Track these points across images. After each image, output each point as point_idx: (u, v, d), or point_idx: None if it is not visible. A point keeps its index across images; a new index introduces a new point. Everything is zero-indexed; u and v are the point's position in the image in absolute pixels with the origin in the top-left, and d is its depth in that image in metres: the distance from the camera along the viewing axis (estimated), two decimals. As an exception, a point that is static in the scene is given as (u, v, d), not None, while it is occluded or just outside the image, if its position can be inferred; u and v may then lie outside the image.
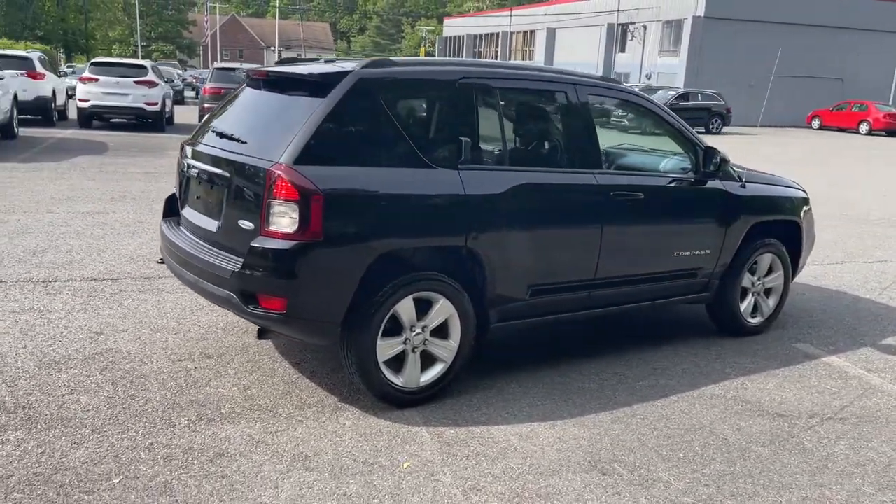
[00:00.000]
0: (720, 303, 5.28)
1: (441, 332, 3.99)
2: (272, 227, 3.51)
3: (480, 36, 63.84)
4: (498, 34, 59.56)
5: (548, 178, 4.25)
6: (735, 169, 5.21)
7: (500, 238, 4.03)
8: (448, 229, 3.86)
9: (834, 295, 6.74)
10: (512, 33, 57.58)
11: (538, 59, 53.07)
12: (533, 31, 54.88)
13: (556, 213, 4.27)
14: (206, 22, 78.37)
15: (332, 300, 3.61)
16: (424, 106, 4.02)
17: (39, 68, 17.78)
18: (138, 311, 5.20)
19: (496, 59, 59.67)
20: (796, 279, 6.95)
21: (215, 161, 3.92)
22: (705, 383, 4.53)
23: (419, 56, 71.38)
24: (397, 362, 3.92)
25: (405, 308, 3.81)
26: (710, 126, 29.50)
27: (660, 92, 29.74)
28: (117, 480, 3.10)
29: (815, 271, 7.50)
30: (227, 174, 3.80)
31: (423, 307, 3.90)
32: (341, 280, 3.59)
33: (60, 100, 19.36)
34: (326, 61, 4.35)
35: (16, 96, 14.86)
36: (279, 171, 3.48)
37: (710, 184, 4.96)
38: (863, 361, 5.06)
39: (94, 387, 3.97)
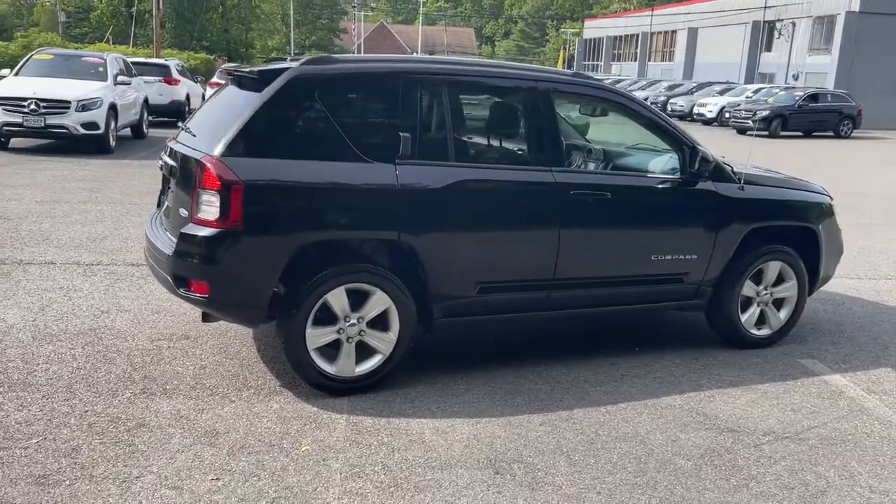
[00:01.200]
0: (717, 311, 5.00)
1: (380, 323, 4.06)
2: (199, 215, 3.73)
3: (620, 37, 62.53)
4: (637, 35, 58.07)
5: (494, 174, 4.22)
6: (736, 170, 4.92)
7: (439, 233, 4.05)
8: (379, 223, 3.93)
9: (882, 311, 6.16)
10: (652, 34, 55.94)
11: (678, 61, 51.26)
12: (674, 32, 53.04)
13: (504, 210, 4.23)
14: (354, 30, 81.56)
15: (253, 286, 3.78)
16: (363, 102, 4.11)
17: (175, 75, 19.32)
18: (152, 293, 5.61)
19: (635, 60, 58.18)
20: (841, 291, 6.46)
21: (173, 155, 4.20)
22: (668, 393, 4.32)
23: (559, 59, 70.90)
24: (334, 351, 4.02)
25: (337, 298, 3.91)
26: (840, 130, 27.03)
27: (782, 93, 27.84)
28: (35, 441, 3.42)
29: (881, 286, 6.88)
30: (177, 166, 4.06)
31: (359, 298, 3.98)
32: (262, 267, 3.75)
33: (195, 103, 20.83)
34: (292, 60, 4.52)
35: (146, 100, 16.19)
36: (207, 163, 3.69)
37: (701, 185, 4.71)
38: (870, 383, 4.63)
39: (69, 358, 4.36)
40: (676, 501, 3.21)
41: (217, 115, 4.20)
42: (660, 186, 4.65)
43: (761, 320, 5.13)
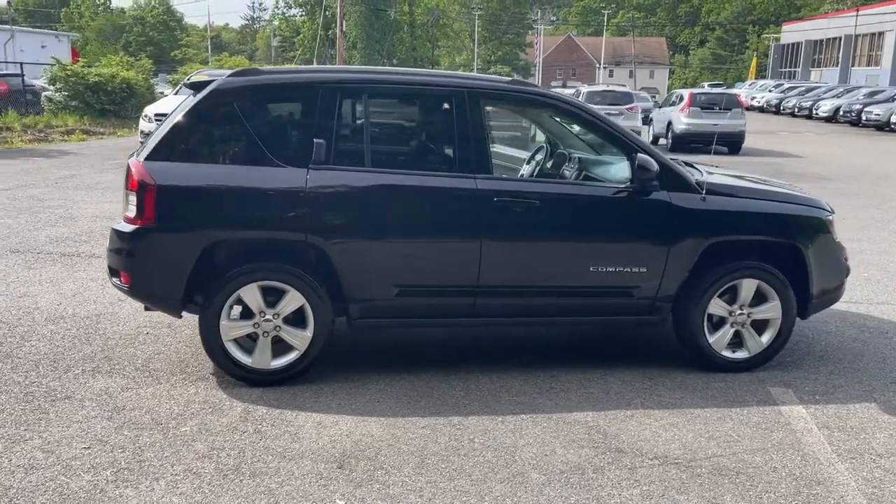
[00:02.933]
0: (681, 330, 4.71)
1: (297, 321, 4.28)
2: (125, 213, 4.17)
3: (820, 41, 57.86)
4: (839, 38, 53.45)
5: (411, 180, 4.30)
6: (702, 179, 4.62)
7: (350, 236, 4.21)
8: (285, 224, 4.16)
9: (926, 341, 5.44)
10: (856, 36, 51.26)
11: (885, 65, 46.62)
12: (881, 34, 48.29)
13: (422, 216, 4.30)
14: (537, 44, 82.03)
15: (166, 279, 4.15)
16: (280, 111, 4.37)
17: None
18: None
19: (837, 66, 53.61)
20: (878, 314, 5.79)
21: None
22: (584, 409, 4.17)
23: (751, 67, 66.89)
24: (254, 343, 4.30)
25: (251, 295, 4.19)
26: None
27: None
28: (-54, 403, 3.98)
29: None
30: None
31: (276, 296, 4.23)
32: (174, 262, 4.11)
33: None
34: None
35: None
36: (132, 166, 4.13)
37: (654, 195, 4.48)
38: (832, 419, 4.16)
39: (57, 338, 4.98)
40: (490, 512, 3.15)
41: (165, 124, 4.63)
42: (600, 195, 4.49)
43: (738, 343, 4.75)
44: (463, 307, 4.44)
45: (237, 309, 4.25)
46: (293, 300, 4.23)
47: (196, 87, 4.29)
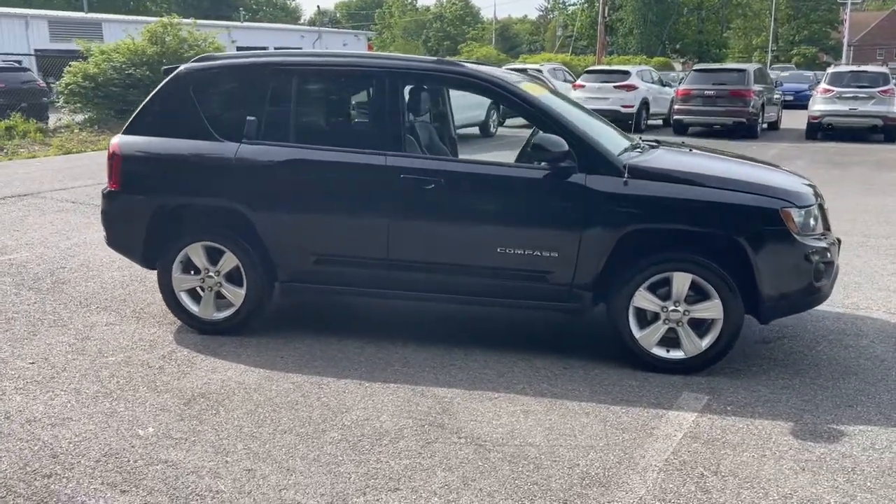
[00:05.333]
0: (610, 321, 4.46)
1: (237, 280, 4.84)
2: (108, 179, 5.02)
3: None
4: None
5: (327, 155, 4.59)
6: (629, 161, 4.32)
7: (270, 205, 4.65)
8: (215, 192, 4.71)
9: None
10: None
11: None
12: None
13: (335, 189, 4.59)
14: (844, 22, 73.14)
15: (129, 236, 4.93)
16: (223, 92, 4.90)
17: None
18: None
19: None
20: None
21: None
22: (450, 386, 4.19)
23: None
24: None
25: (195, 253, 4.82)
26: None
27: None
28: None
29: None
30: None
31: (217, 256, 4.82)
32: (133, 221, 4.87)
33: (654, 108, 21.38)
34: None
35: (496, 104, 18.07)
36: (113, 140, 4.96)
37: (573, 177, 4.31)
38: (716, 432, 3.73)
39: (100, 281, 6.05)
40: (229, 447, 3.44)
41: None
42: (508, 175, 4.40)
43: (675, 342, 4.37)
44: (376, 279, 4.64)
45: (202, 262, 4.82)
46: (229, 261, 4.78)
47: (167, 72, 5.00)
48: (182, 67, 4.91)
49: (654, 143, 5.06)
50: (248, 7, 74.39)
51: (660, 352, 4.38)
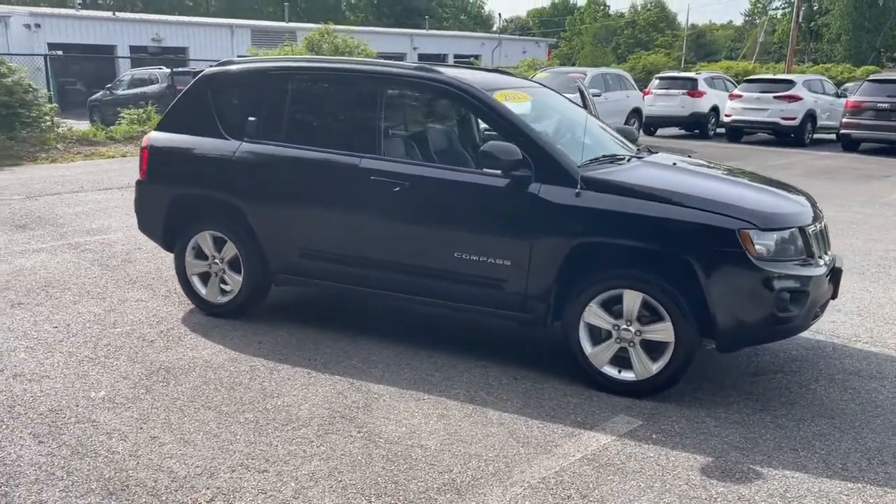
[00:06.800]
0: (564, 336, 4.37)
1: (238, 267, 5.24)
2: (138, 170, 5.60)
3: None
4: None
5: (310, 155, 4.84)
6: (587, 173, 4.20)
7: (260, 200, 4.99)
8: (217, 185, 5.12)
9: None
10: None
11: None
12: None
13: (314, 187, 4.83)
14: None
15: (153, 222, 5.46)
16: (233, 94, 5.27)
17: (702, 87, 19.97)
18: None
19: None
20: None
21: None
22: (385, 384, 4.28)
23: None
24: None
25: (204, 241, 5.28)
26: None
27: None
28: None
29: None
30: None
31: (222, 243, 5.25)
32: (155, 209, 5.40)
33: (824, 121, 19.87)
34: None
35: (637, 110, 17.63)
36: (147, 134, 5.54)
37: (530, 186, 4.27)
38: (617, 458, 3.56)
39: (111, 273, 6.70)
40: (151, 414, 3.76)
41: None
42: (468, 181, 4.42)
43: (628, 363, 4.19)
44: (352, 276, 4.83)
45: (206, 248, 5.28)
46: (230, 249, 5.18)
47: (195, 75, 5.50)
48: (205, 71, 5.38)
49: (638, 156, 4.85)
50: (438, 16, 76.96)
51: (611, 371, 4.20)
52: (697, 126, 20.15)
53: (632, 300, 4.06)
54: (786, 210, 4.15)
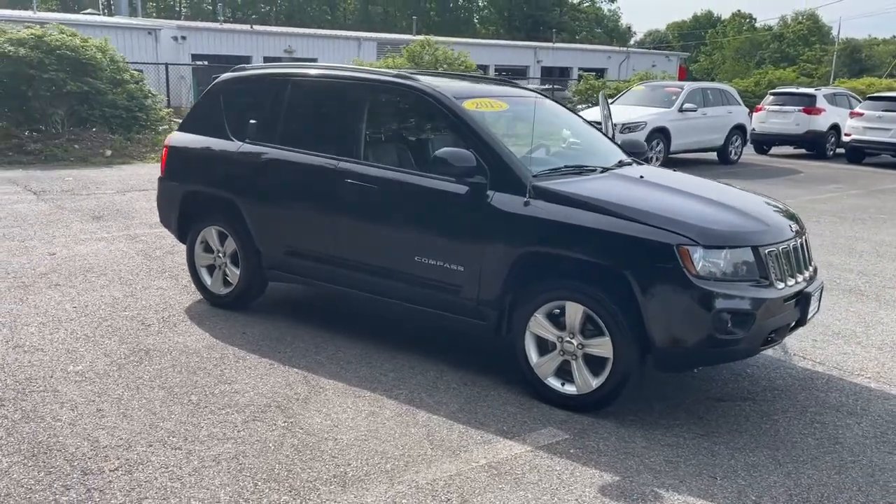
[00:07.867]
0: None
1: (236, 261, 5.55)
2: (160, 168, 6.02)
3: None
4: None
5: (296, 157, 5.05)
6: (537, 182, 4.17)
7: (254, 198, 5.26)
8: (220, 184, 5.44)
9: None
10: None
11: None
12: None
13: (300, 189, 5.05)
14: None
15: (169, 216, 5.86)
16: (239, 98, 5.55)
17: (821, 104, 18.82)
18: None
19: None
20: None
21: None
22: (336, 379, 4.41)
23: None
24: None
25: (210, 236, 5.63)
26: None
27: None
28: None
29: None
30: None
31: (224, 238, 5.58)
32: (171, 204, 5.80)
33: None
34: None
35: (741, 126, 16.87)
36: (170, 135, 5.97)
37: (491, 194, 4.27)
38: (521, 469, 3.52)
39: (150, 264, 7.14)
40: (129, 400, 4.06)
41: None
42: (427, 187, 4.48)
43: (570, 376, 4.12)
44: (336, 276, 4.98)
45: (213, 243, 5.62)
46: (231, 244, 5.49)
47: (213, 80, 5.88)
48: (221, 77, 5.73)
49: (612, 168, 4.75)
50: (571, 29, 76.46)
51: (554, 383, 4.14)
52: (814, 145, 18.97)
53: (574, 312, 3.99)
54: (738, 228, 3.94)
